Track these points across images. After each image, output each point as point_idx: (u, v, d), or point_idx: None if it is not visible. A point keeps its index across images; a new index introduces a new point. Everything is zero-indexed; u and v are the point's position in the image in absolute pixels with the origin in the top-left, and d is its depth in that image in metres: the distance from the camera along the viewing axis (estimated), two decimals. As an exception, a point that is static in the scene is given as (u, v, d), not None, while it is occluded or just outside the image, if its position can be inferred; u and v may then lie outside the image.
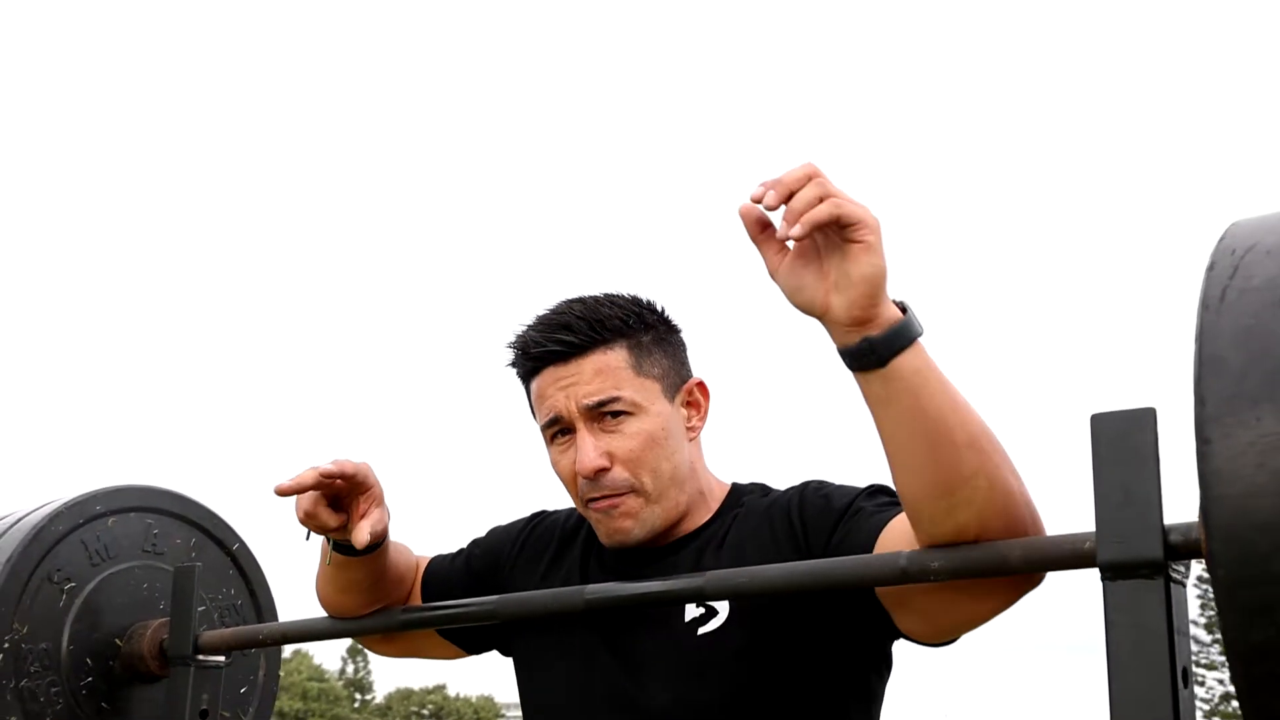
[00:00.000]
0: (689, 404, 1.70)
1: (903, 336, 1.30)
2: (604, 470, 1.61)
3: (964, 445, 1.31)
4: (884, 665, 1.63)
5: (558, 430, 1.65)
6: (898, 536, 1.44)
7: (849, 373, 1.35)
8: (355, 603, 1.83)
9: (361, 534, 1.64)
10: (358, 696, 56.38)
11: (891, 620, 1.50)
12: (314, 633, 1.95)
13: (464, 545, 1.90)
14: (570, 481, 1.66)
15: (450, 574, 1.86)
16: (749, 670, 1.55)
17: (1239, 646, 0.95)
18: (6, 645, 2.06)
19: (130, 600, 2.23)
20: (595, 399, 1.61)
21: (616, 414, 1.62)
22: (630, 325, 1.66)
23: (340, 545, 1.72)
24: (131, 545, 2.26)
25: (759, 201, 1.30)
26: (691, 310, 1.79)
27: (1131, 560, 1.21)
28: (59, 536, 2.15)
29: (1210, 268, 1.05)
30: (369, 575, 1.76)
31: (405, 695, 57.03)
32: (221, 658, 2.13)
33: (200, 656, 2.10)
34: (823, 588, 1.45)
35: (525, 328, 1.69)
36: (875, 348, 1.30)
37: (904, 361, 1.30)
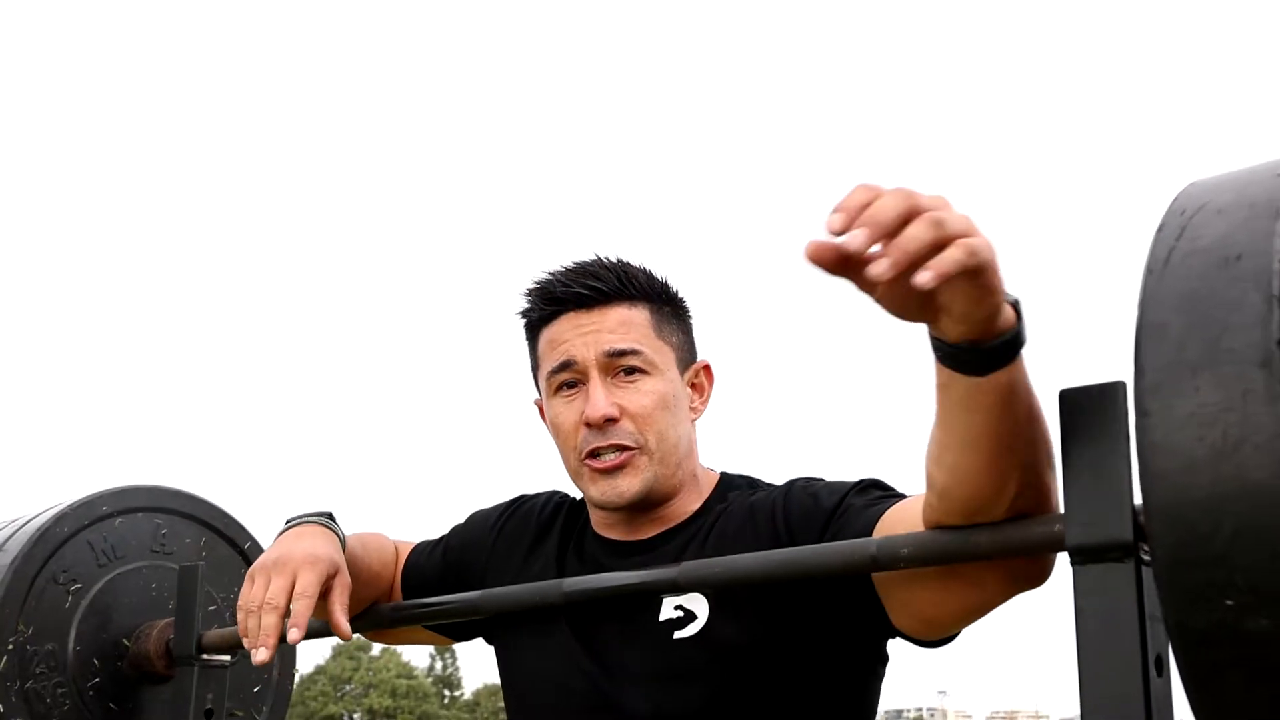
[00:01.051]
0: (694, 385, 1.65)
1: (1009, 350, 1.13)
2: (613, 420, 1.55)
3: (1020, 465, 1.20)
4: (879, 663, 1.56)
5: (565, 381, 1.60)
6: (894, 528, 1.36)
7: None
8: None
9: (346, 628, 1.62)
10: (446, 693, 56.82)
11: (887, 616, 1.42)
12: (309, 631, 1.92)
13: (445, 533, 1.86)
14: (571, 432, 1.58)
15: (427, 567, 1.82)
16: (728, 677, 1.48)
17: (1181, 632, 0.89)
18: (11, 647, 2.05)
19: (139, 600, 2.23)
20: (617, 346, 1.57)
21: (632, 370, 1.57)
22: (655, 291, 1.63)
23: None
24: (140, 545, 2.25)
25: (837, 232, 1.04)
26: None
27: (1100, 543, 1.14)
28: (64, 538, 2.15)
29: (1159, 229, 0.99)
30: None
31: (493, 691, 57.28)
32: (226, 657, 2.11)
33: (204, 656, 2.09)
34: (795, 577, 1.39)
35: (547, 274, 1.64)
36: (979, 357, 1.13)
37: (1001, 376, 1.14)
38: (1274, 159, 1.00)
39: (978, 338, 1.13)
